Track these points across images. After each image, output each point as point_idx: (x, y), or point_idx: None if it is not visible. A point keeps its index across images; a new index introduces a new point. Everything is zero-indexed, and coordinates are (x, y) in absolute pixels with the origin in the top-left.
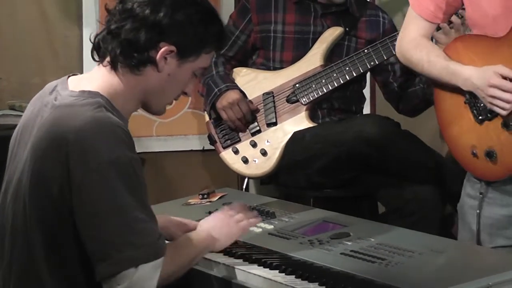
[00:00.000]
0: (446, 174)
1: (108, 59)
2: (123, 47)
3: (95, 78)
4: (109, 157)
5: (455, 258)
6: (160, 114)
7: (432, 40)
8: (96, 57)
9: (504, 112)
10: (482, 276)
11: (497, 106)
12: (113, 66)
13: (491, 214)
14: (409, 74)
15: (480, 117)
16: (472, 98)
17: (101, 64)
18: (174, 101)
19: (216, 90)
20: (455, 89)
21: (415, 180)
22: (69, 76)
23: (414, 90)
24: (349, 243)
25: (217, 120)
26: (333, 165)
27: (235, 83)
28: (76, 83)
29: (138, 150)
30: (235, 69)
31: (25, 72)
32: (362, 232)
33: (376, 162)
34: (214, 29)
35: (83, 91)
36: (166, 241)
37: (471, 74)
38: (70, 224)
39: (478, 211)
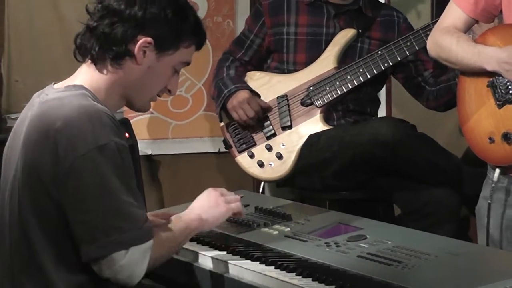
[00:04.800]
0: (462, 177)
1: (89, 56)
2: (101, 41)
3: (78, 76)
4: (97, 143)
5: (472, 261)
6: (145, 110)
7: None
8: (80, 58)
9: None
10: (498, 280)
11: None
12: (94, 62)
13: (507, 216)
14: (434, 68)
15: (503, 99)
16: (494, 82)
17: (84, 63)
18: (157, 98)
19: (225, 91)
20: (479, 74)
21: (431, 182)
22: (55, 83)
23: (448, 85)
24: (365, 245)
25: (231, 125)
26: (349, 168)
27: (245, 84)
28: (61, 84)
29: (153, 152)
30: (248, 73)
31: (41, 75)
32: (379, 234)
33: (391, 164)
34: (188, 22)
35: (68, 86)
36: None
37: (496, 51)
38: (63, 211)
39: (487, 212)
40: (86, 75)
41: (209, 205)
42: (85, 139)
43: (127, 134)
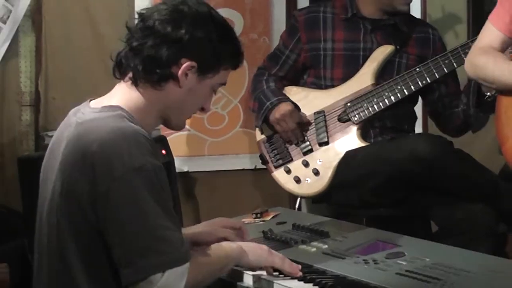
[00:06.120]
0: (500, 193)
1: (130, 75)
2: (145, 63)
3: (116, 94)
4: (133, 165)
5: None
6: (180, 129)
7: None
8: (118, 75)
9: None
10: None
11: None
12: (135, 81)
13: None
14: (454, 95)
15: None
16: None
17: (122, 81)
18: (192, 116)
19: (267, 103)
20: None
21: (468, 198)
22: (90, 100)
23: (456, 111)
24: (404, 262)
25: (268, 140)
26: (386, 184)
27: (286, 96)
28: (98, 102)
29: (190, 169)
30: (285, 88)
31: (79, 92)
32: (417, 251)
33: (428, 181)
34: (230, 46)
35: (105, 106)
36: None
37: None
38: (100, 233)
39: None
40: (125, 95)
41: (252, 245)
42: (121, 161)
43: (163, 151)
